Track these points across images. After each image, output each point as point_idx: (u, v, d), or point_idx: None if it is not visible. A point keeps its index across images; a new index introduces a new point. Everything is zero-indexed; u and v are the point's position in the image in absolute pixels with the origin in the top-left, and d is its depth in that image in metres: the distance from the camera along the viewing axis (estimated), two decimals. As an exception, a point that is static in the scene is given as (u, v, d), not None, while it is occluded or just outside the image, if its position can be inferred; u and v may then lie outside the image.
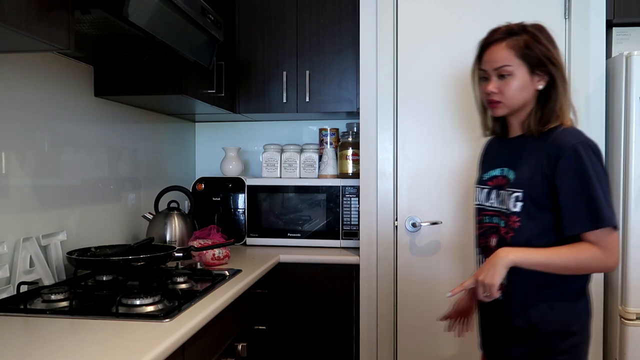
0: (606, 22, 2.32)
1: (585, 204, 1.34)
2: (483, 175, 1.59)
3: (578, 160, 1.35)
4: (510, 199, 1.44)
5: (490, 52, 1.48)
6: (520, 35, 1.44)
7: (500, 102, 1.47)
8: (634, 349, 2.14)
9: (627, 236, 2.15)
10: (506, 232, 1.45)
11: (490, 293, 1.35)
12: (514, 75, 1.44)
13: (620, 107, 2.17)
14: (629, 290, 2.15)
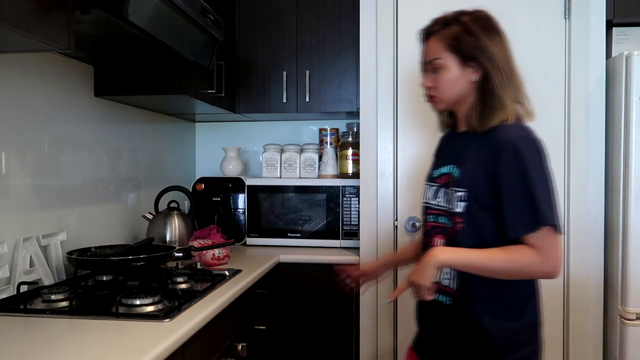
0: (606, 22, 2.32)
1: (524, 203, 1.26)
2: (433, 172, 1.52)
3: (518, 157, 1.28)
4: (454, 198, 1.37)
5: (427, 44, 1.43)
6: (451, 26, 1.39)
7: (435, 96, 1.42)
8: (634, 349, 2.14)
9: (627, 236, 2.15)
10: (451, 233, 1.39)
11: (420, 293, 1.30)
12: (445, 68, 1.38)
13: (620, 107, 2.17)
14: (629, 290, 2.15)
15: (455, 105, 1.43)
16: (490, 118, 1.35)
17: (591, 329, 2.36)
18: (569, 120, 2.37)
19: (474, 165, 1.35)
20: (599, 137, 2.34)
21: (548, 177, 1.30)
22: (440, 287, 1.40)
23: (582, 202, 2.35)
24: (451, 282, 1.38)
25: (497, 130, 1.34)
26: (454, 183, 1.38)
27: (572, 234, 2.37)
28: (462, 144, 1.43)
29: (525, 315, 1.36)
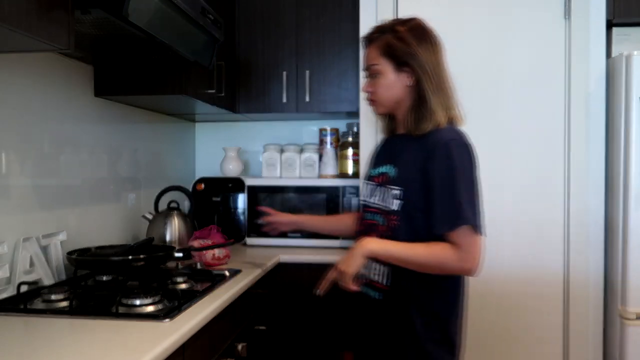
0: (606, 22, 2.32)
1: (448, 202, 1.34)
2: (371, 171, 1.58)
3: (448, 158, 1.36)
4: (390, 196, 1.43)
5: (366, 51, 1.51)
6: (386, 34, 1.46)
7: (375, 100, 1.51)
8: (634, 349, 2.14)
9: (627, 236, 2.15)
10: (385, 231, 1.44)
11: (344, 281, 1.34)
12: (382, 74, 1.46)
13: (620, 107, 2.17)
14: (629, 290, 2.15)
15: (394, 109, 1.50)
16: (423, 122, 1.42)
17: (591, 329, 2.36)
18: (569, 120, 2.37)
19: (409, 165, 1.43)
20: (599, 137, 2.34)
21: (474, 181, 1.38)
22: (369, 282, 1.46)
23: (582, 202, 2.35)
24: (381, 278, 1.44)
25: (430, 133, 1.41)
26: (390, 181, 1.45)
27: (572, 234, 2.37)
28: (399, 146, 1.50)
29: (452, 313, 1.44)
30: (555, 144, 2.39)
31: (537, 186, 2.40)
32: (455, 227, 1.33)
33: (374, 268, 1.45)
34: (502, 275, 2.42)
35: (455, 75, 2.46)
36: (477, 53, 2.43)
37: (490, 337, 2.44)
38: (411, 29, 1.47)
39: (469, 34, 2.43)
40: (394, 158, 1.49)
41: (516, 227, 2.41)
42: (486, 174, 2.42)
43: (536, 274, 2.40)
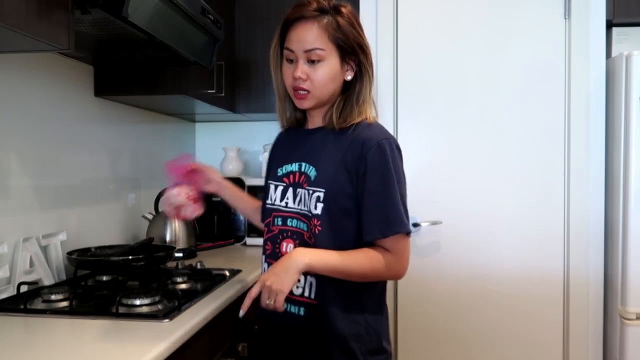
0: (606, 22, 2.32)
1: (384, 208, 1.23)
2: (277, 170, 1.38)
3: (382, 160, 1.24)
4: (311, 199, 1.26)
5: (301, 30, 1.26)
6: (334, 15, 1.26)
7: (308, 92, 1.28)
8: (634, 349, 2.14)
9: (627, 236, 2.15)
10: (309, 238, 1.27)
11: (277, 301, 1.16)
12: (325, 62, 1.26)
13: (620, 107, 2.17)
14: (629, 290, 2.15)
15: (322, 105, 1.33)
16: (351, 118, 1.29)
17: (591, 329, 2.36)
18: (569, 120, 2.37)
19: (332, 164, 1.27)
20: (599, 137, 2.34)
21: (405, 182, 1.31)
22: (291, 297, 1.26)
23: (582, 202, 2.36)
24: (305, 291, 1.28)
25: (358, 129, 1.28)
26: (309, 182, 1.28)
27: (572, 234, 2.37)
28: (313, 141, 1.34)
29: (384, 319, 1.34)
30: (555, 143, 2.39)
31: (536, 186, 2.40)
32: (392, 234, 1.23)
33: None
34: (502, 275, 2.42)
35: (455, 75, 2.47)
36: (477, 53, 2.43)
37: (490, 337, 2.44)
38: (355, 16, 1.29)
39: (469, 34, 2.44)
40: (310, 156, 1.32)
41: (516, 227, 2.42)
42: (486, 174, 2.43)
43: (536, 274, 2.40)
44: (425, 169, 2.46)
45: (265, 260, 1.40)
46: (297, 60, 1.27)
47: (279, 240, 1.34)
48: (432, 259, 2.46)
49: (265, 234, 1.40)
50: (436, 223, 2.44)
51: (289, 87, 1.32)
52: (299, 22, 1.27)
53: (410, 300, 2.47)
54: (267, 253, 1.39)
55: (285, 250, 1.32)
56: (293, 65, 1.29)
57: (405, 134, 2.47)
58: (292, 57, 1.28)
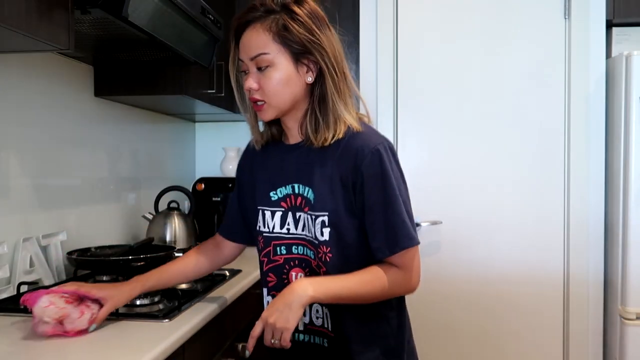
0: (606, 22, 2.32)
1: (387, 223, 1.13)
2: (269, 194, 1.24)
3: (379, 168, 1.13)
4: (315, 224, 1.16)
5: (246, 36, 1.17)
6: (277, 13, 1.14)
7: (264, 102, 1.16)
8: (634, 349, 2.14)
9: (627, 236, 2.15)
10: (318, 266, 1.18)
11: (282, 340, 1.08)
12: (274, 66, 1.14)
13: (620, 107, 2.17)
14: (629, 290, 2.15)
15: (286, 113, 1.20)
16: (327, 129, 1.15)
17: (591, 329, 2.36)
18: (569, 120, 2.37)
19: (328, 182, 1.16)
20: (599, 137, 2.34)
21: (406, 187, 1.19)
22: (313, 328, 1.22)
23: (582, 202, 2.36)
24: (324, 322, 1.21)
25: (346, 140, 1.15)
26: (310, 207, 1.17)
27: (572, 234, 2.37)
28: (300, 159, 1.21)
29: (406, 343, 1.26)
30: (555, 143, 2.39)
31: (537, 186, 2.40)
32: (399, 250, 1.13)
33: (315, 310, 1.21)
34: (502, 275, 2.43)
35: (455, 75, 2.47)
36: (476, 53, 2.43)
37: (490, 336, 2.44)
38: (310, 11, 1.15)
39: (469, 34, 2.44)
40: (302, 176, 1.19)
41: (516, 227, 2.42)
42: (486, 174, 2.43)
43: (536, 274, 2.40)
44: (425, 169, 2.46)
45: (269, 293, 1.29)
46: (248, 69, 1.18)
47: (286, 270, 1.23)
48: (432, 259, 2.46)
49: (264, 265, 1.27)
50: (436, 223, 2.44)
51: (247, 99, 1.22)
52: (246, 28, 1.18)
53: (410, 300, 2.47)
54: (270, 285, 1.28)
55: (294, 279, 1.22)
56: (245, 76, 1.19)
57: (405, 134, 2.47)
58: (244, 68, 1.19)
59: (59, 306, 1.14)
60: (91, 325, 1.17)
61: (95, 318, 1.18)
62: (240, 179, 1.37)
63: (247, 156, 1.36)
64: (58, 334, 1.14)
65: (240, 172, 1.38)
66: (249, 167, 1.34)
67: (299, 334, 1.25)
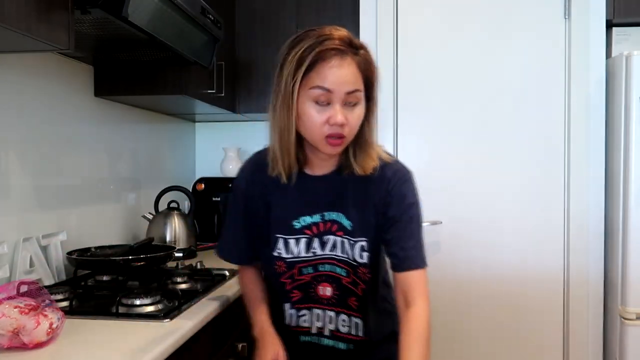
0: (606, 22, 2.32)
1: (416, 240, 1.22)
2: (292, 223, 1.25)
3: (409, 196, 1.23)
4: (354, 249, 1.23)
5: (339, 67, 1.11)
6: (360, 51, 1.16)
7: (344, 137, 1.15)
8: (634, 349, 2.14)
9: (627, 236, 2.15)
10: (353, 283, 1.26)
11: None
12: (360, 104, 1.16)
13: (620, 107, 2.17)
14: (629, 290, 2.15)
15: None
16: (367, 159, 1.21)
17: (591, 329, 2.36)
18: (569, 120, 2.37)
19: (364, 210, 1.23)
20: (599, 137, 2.34)
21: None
22: (338, 334, 1.31)
23: (582, 202, 2.36)
24: (352, 329, 1.30)
25: (381, 169, 1.23)
26: (345, 232, 1.24)
27: (572, 234, 2.37)
28: (332, 188, 1.25)
29: None
30: (555, 143, 2.39)
31: (537, 186, 2.40)
32: (417, 269, 1.21)
33: (341, 320, 1.30)
34: (502, 275, 2.43)
35: (455, 75, 2.47)
36: (476, 53, 2.43)
37: (490, 337, 2.44)
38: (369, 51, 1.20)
39: (469, 34, 2.44)
40: (335, 204, 1.24)
41: (516, 227, 2.42)
42: (486, 174, 2.43)
43: (536, 274, 2.41)
44: (425, 169, 2.46)
45: (293, 307, 1.31)
46: (332, 102, 1.12)
47: (314, 286, 1.28)
48: (432, 259, 2.44)
49: (287, 285, 1.29)
50: (436, 223, 2.44)
51: (318, 133, 1.14)
52: (335, 58, 1.10)
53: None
54: (294, 299, 1.30)
55: (323, 293, 1.28)
56: (327, 109, 1.13)
57: (405, 134, 2.47)
58: (326, 98, 1.12)
59: (12, 317, 1.09)
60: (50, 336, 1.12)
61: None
62: (250, 201, 1.31)
63: (256, 180, 1.31)
64: (17, 347, 1.10)
65: (250, 194, 1.31)
66: (259, 190, 1.30)
67: (324, 338, 1.32)
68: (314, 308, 1.30)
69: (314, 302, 1.30)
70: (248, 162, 1.38)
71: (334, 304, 1.29)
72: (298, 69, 1.11)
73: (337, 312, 1.29)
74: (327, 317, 1.30)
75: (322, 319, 1.30)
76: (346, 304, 1.29)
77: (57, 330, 1.15)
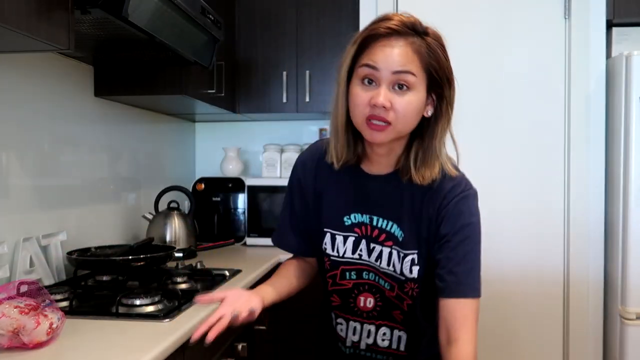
0: (606, 22, 2.32)
1: (469, 265, 1.12)
2: (343, 218, 1.20)
3: (470, 217, 1.13)
4: (403, 262, 1.15)
5: (390, 46, 1.04)
6: (426, 37, 1.06)
7: (389, 123, 1.05)
8: (634, 349, 2.14)
9: (627, 236, 2.15)
10: (397, 297, 1.18)
11: None
12: (414, 91, 1.05)
13: (620, 107, 2.17)
14: (629, 290, 2.15)
15: (396, 141, 1.12)
16: (429, 168, 1.12)
17: (591, 329, 2.36)
18: (569, 120, 2.37)
19: (417, 221, 1.15)
20: (599, 137, 2.34)
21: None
22: (376, 349, 1.25)
23: (582, 202, 2.36)
24: (393, 344, 1.24)
25: (441, 181, 1.13)
26: (396, 242, 1.16)
27: (572, 234, 2.37)
28: (386, 191, 1.17)
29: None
30: (555, 143, 2.39)
31: (537, 186, 2.40)
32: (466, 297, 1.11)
33: (381, 333, 1.24)
34: (502, 275, 2.42)
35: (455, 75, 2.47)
36: (476, 53, 2.43)
37: (490, 337, 2.44)
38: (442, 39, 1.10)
39: (469, 34, 2.43)
40: (385, 210, 1.17)
41: (516, 227, 2.42)
42: (485, 174, 2.43)
43: (536, 274, 2.40)
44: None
45: (332, 311, 1.28)
46: (380, 83, 1.04)
47: (355, 295, 1.22)
48: (432, 259, 2.46)
49: (329, 285, 1.25)
50: (436, 223, 2.44)
51: (360, 114, 1.07)
52: (387, 38, 1.04)
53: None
54: (333, 304, 1.26)
55: (363, 305, 1.22)
56: (372, 89, 1.05)
57: (405, 134, 2.47)
58: (373, 77, 1.05)
59: (12, 317, 1.09)
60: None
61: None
62: (303, 189, 1.26)
63: (309, 167, 1.26)
64: (17, 347, 1.10)
65: (303, 181, 1.26)
66: (312, 179, 1.25)
67: (361, 351, 1.27)
68: (350, 320, 1.25)
69: (352, 314, 1.24)
70: (308, 149, 1.31)
71: (374, 316, 1.22)
72: (352, 46, 1.08)
73: (377, 326, 1.23)
74: (365, 331, 1.24)
75: (359, 333, 1.25)
76: (390, 316, 1.22)
77: (57, 330, 1.16)
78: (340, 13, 2.61)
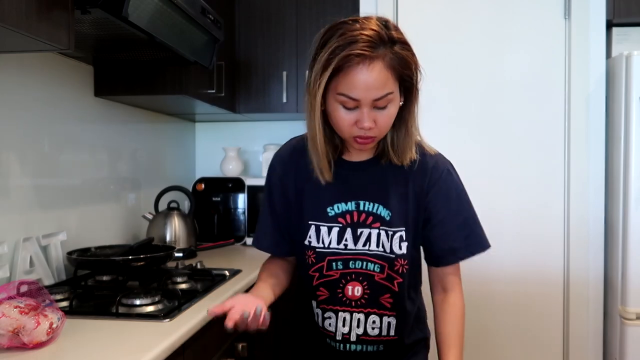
0: (606, 22, 2.32)
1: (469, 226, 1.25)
2: (326, 209, 1.22)
3: (455, 182, 1.25)
4: (392, 240, 1.20)
5: (364, 74, 1.05)
6: (393, 46, 1.08)
7: (375, 137, 1.14)
8: (634, 349, 2.14)
9: (627, 236, 2.15)
10: (388, 278, 1.22)
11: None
12: (393, 101, 1.10)
13: (620, 107, 2.17)
14: (629, 290, 2.15)
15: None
16: (407, 149, 1.18)
17: (591, 329, 2.36)
18: (569, 120, 2.37)
19: (403, 199, 1.21)
20: (599, 137, 2.34)
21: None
22: (366, 338, 1.26)
23: (582, 202, 2.36)
24: (383, 331, 1.26)
25: (421, 159, 1.21)
26: (384, 223, 1.20)
27: (572, 234, 2.37)
28: (370, 176, 1.22)
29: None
30: (555, 143, 2.39)
31: (537, 186, 2.40)
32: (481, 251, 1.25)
33: (371, 322, 1.25)
34: (502, 275, 2.42)
35: (455, 76, 2.47)
36: (476, 53, 2.43)
37: (490, 337, 2.44)
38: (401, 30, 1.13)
39: (469, 34, 2.43)
40: (372, 194, 1.21)
41: (516, 227, 2.42)
42: (486, 174, 2.43)
43: (536, 274, 2.40)
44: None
45: (318, 306, 1.28)
46: (361, 106, 1.08)
47: (342, 285, 1.23)
48: (432, 259, 2.46)
49: (314, 279, 1.25)
50: (436, 223, 2.44)
51: (346, 133, 1.13)
52: (360, 64, 1.04)
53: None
54: (320, 299, 1.27)
55: (351, 293, 1.23)
56: (353, 113, 1.09)
57: (405, 134, 2.47)
58: (353, 105, 1.08)
59: (12, 317, 1.09)
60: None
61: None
62: (284, 185, 1.29)
63: (288, 163, 1.30)
64: (17, 347, 1.09)
65: (284, 178, 1.29)
66: (292, 175, 1.28)
67: (351, 344, 1.27)
68: (340, 311, 1.25)
69: (341, 304, 1.24)
70: (285, 145, 1.35)
71: (363, 304, 1.24)
72: (324, 72, 1.07)
73: (366, 314, 1.24)
74: (354, 321, 1.25)
75: (349, 323, 1.25)
76: (378, 303, 1.24)
77: (57, 330, 1.16)
78: (340, 13, 2.60)
